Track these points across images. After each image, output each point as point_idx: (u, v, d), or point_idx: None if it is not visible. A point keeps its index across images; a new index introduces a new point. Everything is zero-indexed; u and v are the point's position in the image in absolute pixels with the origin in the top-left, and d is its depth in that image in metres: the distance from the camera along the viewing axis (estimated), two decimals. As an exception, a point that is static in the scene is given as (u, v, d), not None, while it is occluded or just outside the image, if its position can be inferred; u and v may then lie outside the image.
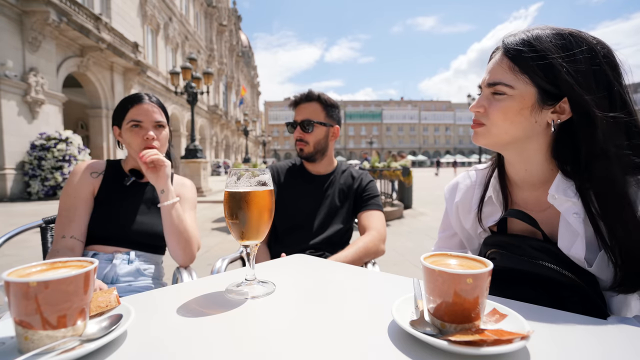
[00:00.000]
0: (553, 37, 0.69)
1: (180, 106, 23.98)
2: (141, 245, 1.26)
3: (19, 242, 1.80)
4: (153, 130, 1.26)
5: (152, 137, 1.24)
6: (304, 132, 1.48)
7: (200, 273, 1.20)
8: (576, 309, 0.61)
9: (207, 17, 33.74)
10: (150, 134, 1.23)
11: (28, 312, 0.42)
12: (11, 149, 10.00)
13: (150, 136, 1.23)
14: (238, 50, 47.09)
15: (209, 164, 26.60)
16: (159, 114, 1.28)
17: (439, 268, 0.47)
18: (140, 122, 1.24)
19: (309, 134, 1.48)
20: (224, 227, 6.08)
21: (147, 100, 1.27)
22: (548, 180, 0.76)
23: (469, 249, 0.97)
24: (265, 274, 0.80)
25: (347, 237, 1.55)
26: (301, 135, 1.49)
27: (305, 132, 1.48)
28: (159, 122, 1.27)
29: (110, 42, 13.94)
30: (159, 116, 1.28)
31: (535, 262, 0.72)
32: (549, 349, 0.46)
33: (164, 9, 22.47)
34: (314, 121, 1.47)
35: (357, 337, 0.50)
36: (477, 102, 0.78)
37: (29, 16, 10.59)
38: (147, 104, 1.26)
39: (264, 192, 0.71)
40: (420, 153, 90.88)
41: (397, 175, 7.46)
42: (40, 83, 10.91)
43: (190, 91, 10.95)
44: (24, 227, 1.25)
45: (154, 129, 1.26)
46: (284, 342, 0.49)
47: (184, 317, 0.57)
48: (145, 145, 1.23)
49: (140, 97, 1.27)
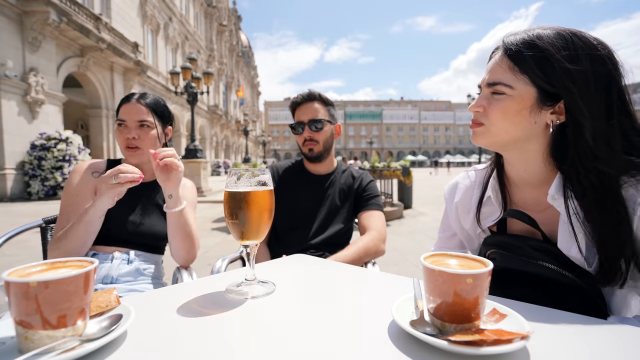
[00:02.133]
0: (554, 38, 0.69)
1: (180, 106, 23.97)
2: (140, 245, 1.26)
3: (19, 242, 1.80)
4: (136, 129, 1.24)
5: (132, 137, 1.23)
6: (314, 131, 1.48)
7: (200, 273, 1.20)
8: (576, 309, 0.61)
9: (207, 17, 33.75)
10: (132, 133, 1.23)
11: (28, 312, 0.42)
12: (11, 149, 10.00)
13: (130, 135, 1.23)
14: (238, 50, 47.09)
15: (209, 164, 26.58)
16: (146, 113, 1.26)
17: (439, 268, 0.47)
18: (124, 122, 1.25)
19: (318, 133, 1.48)
20: (224, 227, 6.08)
21: (135, 99, 1.26)
22: (547, 180, 0.76)
23: (469, 249, 0.97)
24: (265, 274, 0.80)
25: (348, 237, 1.55)
26: (311, 135, 1.48)
27: (315, 131, 1.48)
28: (144, 121, 1.25)
29: (110, 42, 13.94)
30: (144, 115, 1.26)
31: (535, 263, 0.72)
32: (549, 349, 0.46)
33: (164, 9, 22.47)
34: (323, 119, 1.48)
35: (357, 337, 0.50)
36: (476, 102, 0.78)
37: (29, 16, 10.60)
38: (132, 104, 1.25)
39: (264, 192, 0.71)
40: (420, 153, 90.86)
41: (397, 175, 7.46)
42: (40, 83, 10.91)
43: (190, 91, 10.95)
44: (24, 227, 1.25)
45: (138, 128, 1.25)
46: (284, 342, 0.49)
47: (184, 317, 0.57)
48: (127, 144, 1.24)
49: (129, 96, 1.28)
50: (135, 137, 1.24)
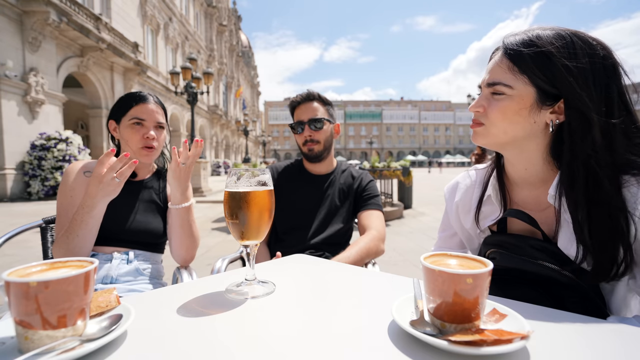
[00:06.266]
0: (553, 38, 0.69)
1: (180, 106, 23.98)
2: (139, 244, 1.26)
3: (19, 242, 1.80)
4: (154, 130, 1.28)
5: (153, 137, 1.27)
6: (314, 130, 1.48)
7: (200, 273, 1.20)
8: (576, 309, 0.61)
9: (207, 17, 33.74)
10: (152, 133, 1.26)
11: (28, 312, 0.42)
12: (11, 149, 10.00)
13: (151, 136, 1.26)
14: (238, 50, 47.08)
15: (209, 164, 26.58)
16: (162, 115, 1.32)
17: (439, 268, 0.47)
18: (143, 121, 1.26)
19: (319, 132, 1.49)
20: (224, 227, 6.07)
21: (152, 100, 1.31)
22: (547, 179, 0.76)
23: (469, 248, 0.97)
24: (265, 274, 0.80)
25: (347, 237, 1.56)
26: (311, 134, 1.49)
27: (315, 131, 1.49)
28: (161, 123, 1.31)
29: (110, 42, 13.94)
30: (161, 117, 1.31)
31: (535, 262, 0.72)
32: (549, 349, 0.46)
33: (164, 9, 22.47)
34: (323, 118, 1.49)
35: (357, 337, 0.50)
36: (476, 102, 0.78)
37: (29, 16, 10.60)
38: (152, 104, 1.29)
39: (264, 192, 0.71)
40: (420, 153, 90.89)
41: (397, 175, 7.46)
42: (40, 83, 10.91)
43: (190, 91, 10.95)
44: (24, 227, 1.25)
45: (155, 129, 1.29)
46: (284, 342, 0.49)
47: (184, 317, 0.57)
48: (144, 144, 1.26)
49: (145, 96, 1.30)
50: (155, 137, 1.27)
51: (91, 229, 1.08)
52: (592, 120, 0.66)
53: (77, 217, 1.06)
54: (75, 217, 1.07)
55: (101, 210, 1.08)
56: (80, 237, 1.06)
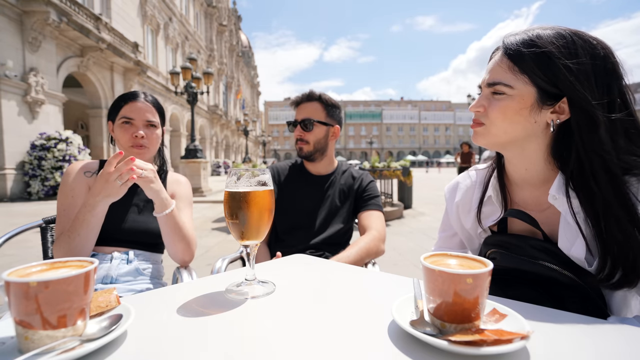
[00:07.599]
0: (553, 37, 0.69)
1: (180, 106, 23.96)
2: (139, 244, 1.26)
3: (19, 242, 1.80)
4: (144, 129, 1.26)
5: (141, 136, 1.24)
6: (304, 130, 1.49)
7: (200, 273, 1.20)
8: (576, 309, 0.61)
9: (207, 17, 33.73)
10: (140, 132, 1.24)
11: (28, 312, 0.42)
12: (11, 149, 9.99)
13: (139, 134, 1.24)
14: (238, 50, 47.08)
15: (209, 164, 26.58)
16: (152, 113, 1.29)
17: (439, 268, 0.47)
18: (132, 120, 1.25)
19: (308, 133, 1.49)
20: (224, 227, 6.07)
21: (142, 98, 1.28)
22: (548, 180, 0.76)
23: (469, 249, 0.97)
24: (265, 274, 0.80)
25: (348, 237, 1.56)
26: (301, 134, 1.49)
27: (305, 131, 1.49)
28: (151, 121, 1.28)
29: (110, 42, 13.93)
30: (151, 115, 1.28)
31: (535, 262, 0.72)
32: (549, 349, 0.46)
33: (164, 9, 22.46)
34: (314, 120, 1.48)
35: (357, 337, 0.50)
36: (476, 101, 0.78)
37: (29, 16, 10.59)
38: (140, 102, 1.27)
39: (264, 192, 0.71)
40: (420, 153, 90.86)
41: (397, 175, 7.46)
42: (40, 83, 10.91)
43: (190, 91, 10.95)
44: (24, 227, 1.25)
45: (145, 127, 1.26)
46: (284, 342, 0.49)
47: (184, 317, 0.57)
48: (134, 143, 1.24)
49: (135, 94, 1.28)
50: (144, 136, 1.25)
51: (92, 228, 1.08)
52: (597, 119, 0.66)
53: (79, 216, 1.06)
54: (78, 215, 1.07)
55: (102, 211, 1.08)
56: (82, 237, 1.06)
